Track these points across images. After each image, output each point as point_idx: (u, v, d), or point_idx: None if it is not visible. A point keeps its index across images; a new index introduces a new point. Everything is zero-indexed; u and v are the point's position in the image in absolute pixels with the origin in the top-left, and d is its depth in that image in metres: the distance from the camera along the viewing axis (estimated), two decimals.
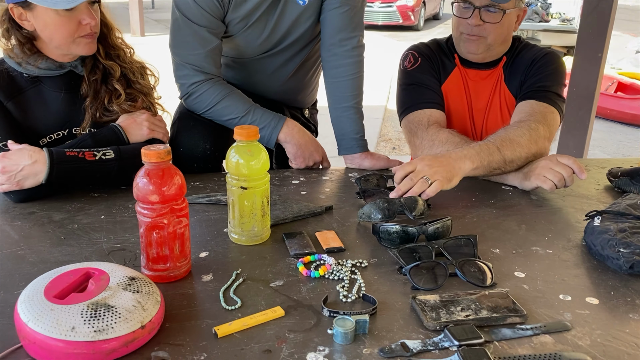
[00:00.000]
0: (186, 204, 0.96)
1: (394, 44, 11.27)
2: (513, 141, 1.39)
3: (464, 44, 1.61)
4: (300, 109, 1.92)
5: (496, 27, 1.55)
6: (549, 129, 1.47)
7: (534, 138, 1.41)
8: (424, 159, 1.30)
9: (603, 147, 5.41)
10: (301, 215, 1.23)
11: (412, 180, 1.26)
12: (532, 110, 1.50)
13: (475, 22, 1.54)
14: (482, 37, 1.57)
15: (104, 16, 1.40)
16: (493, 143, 1.39)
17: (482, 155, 1.36)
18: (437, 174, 1.27)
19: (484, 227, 1.21)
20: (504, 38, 1.61)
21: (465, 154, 1.35)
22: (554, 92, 1.56)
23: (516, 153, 1.39)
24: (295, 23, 1.56)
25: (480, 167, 1.37)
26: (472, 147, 1.37)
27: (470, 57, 1.64)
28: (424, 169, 1.27)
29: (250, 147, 1.05)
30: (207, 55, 1.48)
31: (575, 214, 1.30)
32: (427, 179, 1.25)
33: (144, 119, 1.41)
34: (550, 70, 1.59)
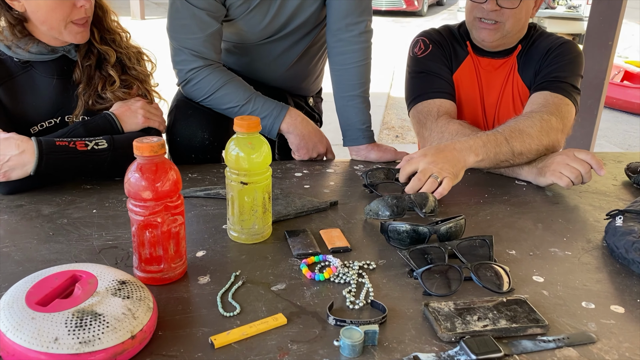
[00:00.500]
0: (181, 200, 0.89)
1: (398, 30, 11.13)
2: (523, 132, 1.32)
3: (477, 31, 1.53)
4: (304, 97, 1.84)
5: (514, 12, 1.47)
6: (563, 121, 1.39)
7: (546, 129, 1.34)
8: (426, 155, 1.23)
9: (609, 137, 5.32)
10: (304, 211, 1.16)
11: (420, 180, 1.19)
12: (545, 102, 1.42)
13: (491, 7, 1.46)
14: (499, 23, 1.48)
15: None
16: (501, 134, 1.32)
17: (489, 147, 1.29)
18: (444, 171, 1.20)
19: (498, 226, 1.14)
20: (522, 25, 1.53)
21: (470, 146, 1.28)
22: (570, 83, 1.48)
23: (525, 145, 1.32)
24: (300, 7, 1.48)
25: (486, 160, 1.29)
26: (479, 138, 1.30)
27: (485, 44, 1.56)
28: (429, 166, 1.20)
29: (251, 139, 0.98)
30: (206, 40, 1.40)
31: (593, 212, 1.23)
32: (436, 177, 1.18)
33: (139, 106, 1.33)
34: (567, 60, 1.51)
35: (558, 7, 9.56)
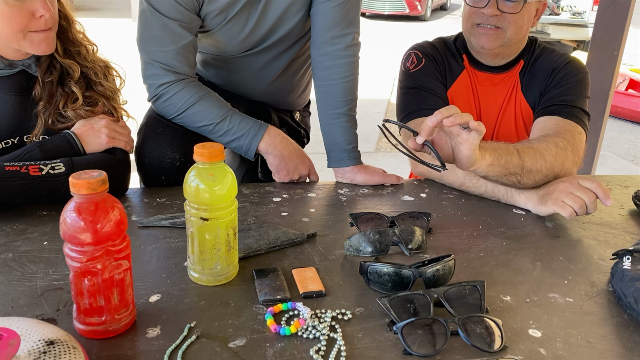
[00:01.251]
0: (127, 243, 0.78)
1: (400, 35, 11.03)
2: (536, 151, 1.21)
3: (476, 37, 1.41)
4: (289, 112, 1.73)
5: (516, 18, 1.37)
6: (578, 153, 1.29)
7: (561, 158, 1.23)
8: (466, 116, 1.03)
9: (613, 147, 5.20)
10: (278, 245, 1.05)
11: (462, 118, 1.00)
12: (558, 128, 1.31)
13: (492, 11, 1.35)
14: (499, 29, 1.37)
15: (63, 7, 1.22)
16: (514, 147, 1.20)
17: (500, 153, 1.15)
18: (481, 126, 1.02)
19: (492, 265, 1.03)
20: (524, 34, 1.42)
21: (482, 145, 1.12)
22: (580, 107, 1.37)
23: (537, 164, 1.20)
24: (282, 17, 1.37)
25: (496, 165, 1.15)
26: (489, 143, 1.17)
27: (483, 53, 1.45)
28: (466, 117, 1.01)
29: (213, 169, 0.87)
30: (178, 53, 1.29)
31: (598, 248, 1.12)
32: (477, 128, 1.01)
33: (103, 125, 1.22)
34: (575, 82, 1.41)
35: (562, 13, 9.44)
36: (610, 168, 4.54)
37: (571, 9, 9.46)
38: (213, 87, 1.59)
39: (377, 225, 1.14)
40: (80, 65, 1.23)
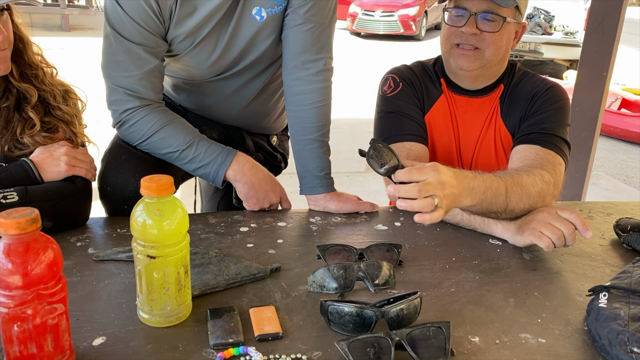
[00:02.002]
0: (62, 285, 0.73)
1: (395, 54, 11.07)
2: (523, 189, 1.17)
3: (455, 59, 1.37)
4: (266, 136, 1.69)
5: (495, 38, 1.33)
6: (558, 186, 1.26)
7: (544, 193, 1.19)
8: (440, 172, 0.99)
9: (606, 167, 5.17)
10: (237, 281, 0.99)
11: (420, 192, 0.95)
12: (539, 159, 1.27)
13: (471, 29, 1.32)
14: (477, 49, 1.34)
15: (18, 28, 1.18)
16: (504, 184, 1.14)
17: (487, 195, 1.11)
18: (446, 199, 0.99)
19: (462, 302, 0.97)
20: (502, 55, 1.38)
21: (473, 188, 1.08)
22: (561, 136, 1.34)
23: (520, 204, 1.17)
24: (253, 41, 1.34)
25: (478, 207, 1.12)
26: (484, 181, 1.10)
27: (462, 75, 1.41)
28: (438, 186, 0.97)
29: (161, 204, 0.82)
30: (142, 78, 1.25)
31: (576, 282, 1.07)
32: (435, 200, 0.96)
33: (63, 152, 1.18)
34: (555, 109, 1.37)
35: (555, 33, 9.49)
36: (603, 188, 4.51)
37: (564, 29, 9.51)
38: (185, 111, 1.56)
39: (345, 258, 1.10)
40: (38, 89, 1.19)
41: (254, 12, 1.29)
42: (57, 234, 1.14)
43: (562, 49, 9.09)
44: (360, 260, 1.08)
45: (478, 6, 1.31)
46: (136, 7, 1.19)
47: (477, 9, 1.31)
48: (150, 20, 1.21)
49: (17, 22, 1.18)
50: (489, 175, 1.14)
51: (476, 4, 1.31)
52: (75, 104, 1.27)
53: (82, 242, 1.14)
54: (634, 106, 6.41)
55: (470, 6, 1.31)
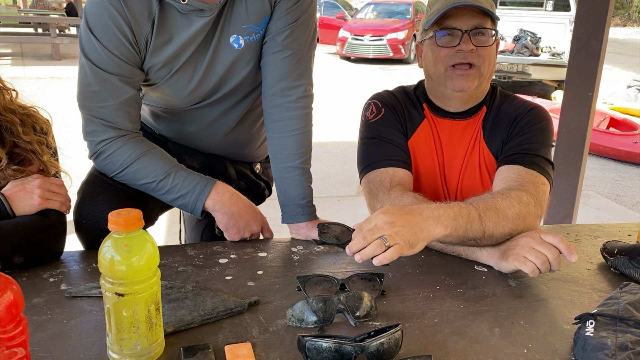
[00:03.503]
0: (22, 327, 0.70)
1: (384, 77, 11.18)
2: (499, 212, 1.14)
3: (453, 80, 1.35)
4: (249, 164, 1.67)
5: (489, 52, 1.35)
6: (541, 205, 1.23)
7: (524, 214, 1.17)
8: (387, 213, 1.05)
9: (596, 186, 5.18)
10: (213, 316, 0.96)
11: (365, 239, 1.00)
12: (521, 179, 1.26)
13: (468, 46, 1.31)
14: (474, 67, 1.34)
15: None
16: (475, 209, 1.13)
17: (459, 222, 1.10)
18: (399, 236, 1.01)
19: (446, 333, 0.94)
20: (492, 70, 1.40)
21: (440, 215, 1.09)
22: (542, 156, 1.32)
23: (499, 227, 1.14)
24: (231, 69, 1.32)
25: (454, 236, 1.11)
26: (450, 208, 1.11)
27: (457, 97, 1.39)
28: (385, 226, 1.02)
29: (129, 239, 0.80)
30: (118, 108, 1.23)
31: (562, 308, 1.04)
32: (385, 241, 0.99)
33: (36, 185, 1.15)
34: (537, 130, 1.36)
35: (542, 54, 9.61)
36: (594, 208, 4.50)
37: (550, 50, 9.64)
38: (165, 140, 1.54)
39: (326, 289, 1.07)
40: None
41: (231, 40, 1.28)
42: (29, 270, 1.12)
43: (549, 69, 9.19)
44: (342, 291, 1.06)
45: (469, 23, 1.31)
46: (111, 37, 1.18)
47: (467, 26, 1.31)
48: (126, 49, 1.20)
49: None
50: (456, 204, 1.14)
51: (466, 21, 1.31)
52: (42, 128, 1.23)
53: (54, 277, 1.10)
54: (622, 125, 6.46)
55: (461, 25, 1.32)
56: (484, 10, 1.31)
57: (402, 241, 1.01)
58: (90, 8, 1.19)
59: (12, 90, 1.21)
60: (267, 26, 1.30)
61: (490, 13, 1.32)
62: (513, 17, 10.23)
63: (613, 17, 22.49)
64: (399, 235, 1.01)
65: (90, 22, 1.18)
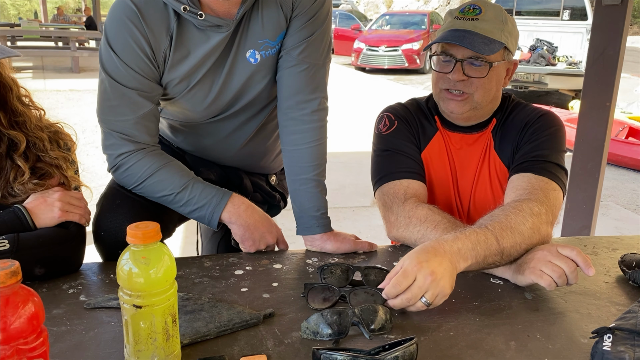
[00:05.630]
0: (44, 338, 0.71)
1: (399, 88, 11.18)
2: (514, 230, 1.14)
3: (445, 103, 1.38)
4: (265, 176, 1.68)
5: (483, 82, 1.33)
6: (552, 211, 1.22)
7: (537, 226, 1.16)
8: (423, 266, 1.00)
9: (615, 197, 5.11)
10: (229, 328, 0.97)
11: (409, 302, 0.99)
12: (531, 187, 1.25)
13: (457, 77, 1.32)
14: (467, 94, 1.34)
15: (1, 75, 1.18)
16: (492, 232, 1.12)
17: (478, 250, 1.09)
18: (441, 292, 1.00)
19: (461, 347, 0.94)
20: (493, 95, 1.38)
21: (459, 249, 1.07)
22: (554, 162, 1.31)
23: (516, 245, 1.13)
24: (248, 83, 1.34)
25: (475, 264, 1.10)
26: (467, 238, 1.09)
27: (454, 117, 1.41)
28: (426, 283, 0.99)
29: (147, 252, 0.81)
30: (137, 122, 1.25)
31: (580, 322, 1.03)
32: (426, 301, 0.99)
33: (57, 198, 1.17)
34: (548, 135, 1.35)
35: (559, 63, 9.55)
36: (613, 218, 4.44)
37: (567, 59, 9.57)
38: (183, 153, 1.56)
39: (326, 298, 1.07)
40: (27, 135, 1.19)
41: (248, 55, 1.30)
42: (49, 281, 1.14)
43: (566, 79, 9.12)
44: (343, 301, 1.06)
45: (463, 53, 1.32)
46: (130, 53, 1.21)
47: (462, 56, 1.32)
48: (145, 65, 1.22)
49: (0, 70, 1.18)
50: (472, 231, 1.12)
51: (461, 51, 1.32)
52: (66, 144, 1.26)
53: (74, 289, 1.12)
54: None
55: (456, 53, 1.33)
56: (484, 43, 1.29)
57: (444, 293, 1.01)
58: (110, 24, 1.22)
59: (41, 110, 1.25)
60: (282, 41, 1.32)
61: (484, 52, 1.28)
62: (529, 26, 10.19)
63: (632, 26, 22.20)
64: (439, 288, 1.00)
65: (110, 39, 1.21)
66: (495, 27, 1.32)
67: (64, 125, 1.30)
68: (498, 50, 1.31)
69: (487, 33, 1.30)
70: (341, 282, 1.14)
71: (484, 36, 1.30)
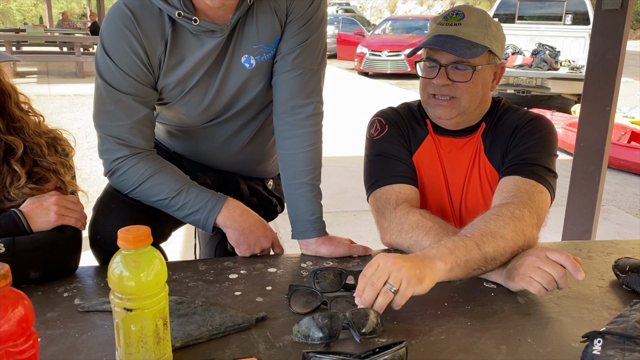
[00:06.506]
0: (32, 342, 0.72)
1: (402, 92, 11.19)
2: (495, 234, 1.13)
3: (433, 108, 1.40)
4: (262, 180, 1.69)
5: (468, 86, 1.34)
6: (537, 213, 1.21)
7: (520, 229, 1.16)
8: (387, 256, 1.03)
9: (617, 201, 5.10)
10: (221, 331, 0.98)
11: (374, 286, 0.99)
12: (516, 190, 1.25)
13: (442, 81, 1.34)
14: (453, 98, 1.35)
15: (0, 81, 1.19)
16: (470, 238, 1.12)
17: (458, 254, 1.09)
18: (403, 272, 0.99)
19: (452, 350, 0.94)
20: (480, 99, 1.39)
21: (435, 254, 1.07)
22: (542, 165, 1.31)
23: (499, 249, 1.13)
24: (243, 88, 1.35)
25: (457, 268, 1.09)
26: (444, 245, 1.10)
27: (442, 123, 1.42)
28: (388, 265, 1.00)
29: (137, 255, 0.82)
30: (133, 127, 1.26)
31: (571, 326, 1.04)
32: (391, 287, 0.99)
33: (53, 202, 1.18)
34: (537, 139, 1.35)
35: (561, 68, 9.54)
36: (615, 223, 4.43)
37: (569, 64, 9.56)
38: (180, 157, 1.57)
39: (308, 302, 1.08)
40: (24, 141, 1.20)
41: (242, 60, 1.31)
42: (44, 285, 1.15)
43: (568, 83, 9.10)
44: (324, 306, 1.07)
45: (447, 58, 1.33)
46: (125, 58, 1.22)
47: (446, 61, 1.33)
48: (140, 70, 1.24)
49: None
50: (449, 239, 1.12)
51: (445, 55, 1.33)
52: (64, 149, 1.27)
53: (69, 292, 1.13)
54: None
55: (440, 58, 1.34)
56: (466, 47, 1.30)
57: (408, 277, 1.00)
58: (105, 30, 1.23)
59: (40, 116, 1.26)
60: (277, 46, 1.33)
61: (465, 56, 1.29)
62: (532, 31, 10.20)
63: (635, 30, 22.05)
64: (402, 272, 1.00)
65: (105, 44, 1.23)
66: (478, 31, 1.33)
67: (63, 131, 1.31)
68: (481, 53, 1.32)
69: (469, 37, 1.32)
70: (334, 287, 1.15)
71: (467, 40, 1.31)
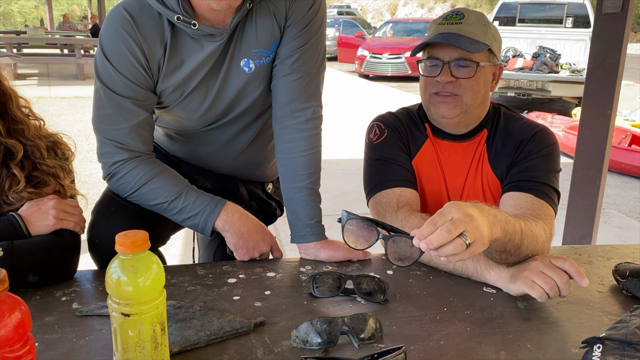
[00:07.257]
0: (30, 347, 0.72)
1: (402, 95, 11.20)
2: (534, 236, 1.14)
3: (436, 107, 1.39)
4: (261, 184, 1.69)
5: (471, 83, 1.35)
6: (551, 237, 1.24)
7: (547, 245, 1.20)
8: (461, 207, 0.93)
9: (618, 204, 5.09)
10: (219, 337, 0.97)
11: (450, 233, 0.89)
12: (533, 208, 1.27)
13: (445, 78, 1.34)
14: (456, 96, 1.35)
15: (1, 83, 1.19)
16: (519, 225, 1.09)
17: (508, 229, 1.04)
18: (478, 231, 0.92)
19: (451, 356, 0.94)
20: (482, 98, 1.39)
21: (495, 215, 1.00)
22: (551, 185, 1.34)
23: (529, 249, 1.13)
24: (242, 92, 1.35)
25: (499, 242, 1.04)
26: (500, 212, 1.04)
27: (444, 123, 1.42)
28: (465, 219, 0.91)
29: (135, 260, 0.81)
30: (131, 131, 1.26)
31: (572, 332, 1.03)
32: (466, 239, 0.90)
33: (51, 205, 1.18)
34: (543, 155, 1.37)
35: (562, 71, 9.54)
36: (615, 226, 4.42)
37: (570, 67, 9.56)
38: (179, 161, 1.57)
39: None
40: (24, 145, 1.20)
41: (242, 64, 1.31)
42: (43, 289, 1.15)
43: (569, 86, 9.11)
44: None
45: (450, 55, 1.34)
46: (124, 62, 1.22)
47: (449, 58, 1.34)
48: (139, 74, 1.23)
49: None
50: (503, 211, 1.08)
51: (448, 52, 1.34)
52: (64, 153, 1.27)
53: (67, 296, 1.13)
54: None
55: (443, 55, 1.34)
56: (469, 42, 1.31)
57: (482, 238, 0.92)
58: (105, 34, 1.23)
59: (41, 120, 1.26)
60: (276, 50, 1.33)
61: (470, 50, 1.30)
62: (532, 34, 10.21)
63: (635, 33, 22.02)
64: (478, 231, 0.92)
65: (104, 48, 1.23)
66: (478, 29, 1.35)
67: (64, 135, 1.31)
68: (484, 50, 1.34)
69: (471, 35, 1.33)
70: (333, 291, 1.15)
71: (469, 37, 1.32)
